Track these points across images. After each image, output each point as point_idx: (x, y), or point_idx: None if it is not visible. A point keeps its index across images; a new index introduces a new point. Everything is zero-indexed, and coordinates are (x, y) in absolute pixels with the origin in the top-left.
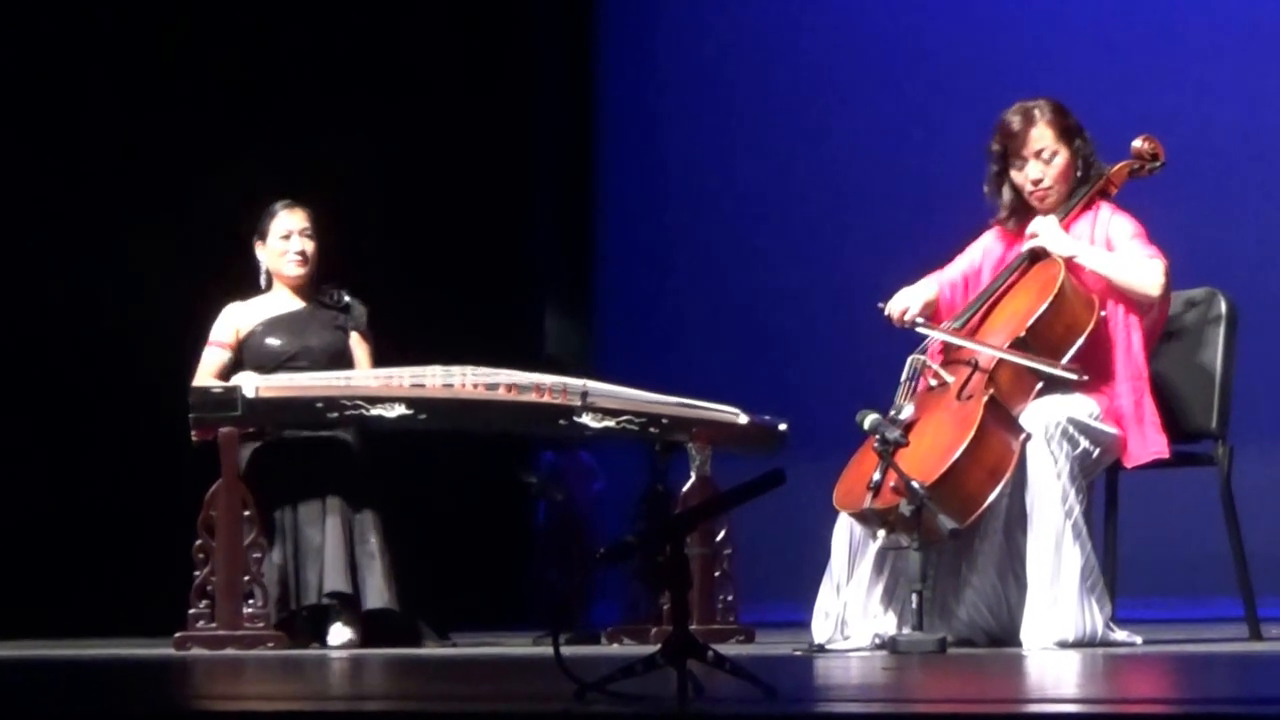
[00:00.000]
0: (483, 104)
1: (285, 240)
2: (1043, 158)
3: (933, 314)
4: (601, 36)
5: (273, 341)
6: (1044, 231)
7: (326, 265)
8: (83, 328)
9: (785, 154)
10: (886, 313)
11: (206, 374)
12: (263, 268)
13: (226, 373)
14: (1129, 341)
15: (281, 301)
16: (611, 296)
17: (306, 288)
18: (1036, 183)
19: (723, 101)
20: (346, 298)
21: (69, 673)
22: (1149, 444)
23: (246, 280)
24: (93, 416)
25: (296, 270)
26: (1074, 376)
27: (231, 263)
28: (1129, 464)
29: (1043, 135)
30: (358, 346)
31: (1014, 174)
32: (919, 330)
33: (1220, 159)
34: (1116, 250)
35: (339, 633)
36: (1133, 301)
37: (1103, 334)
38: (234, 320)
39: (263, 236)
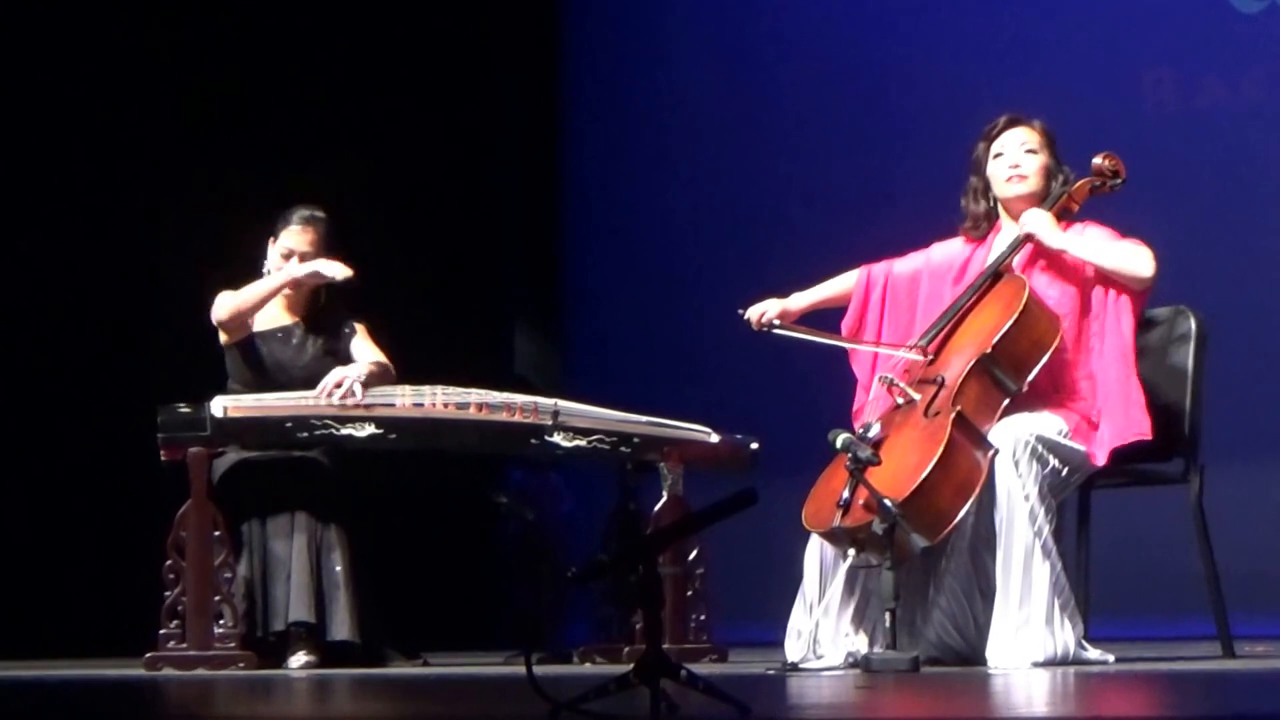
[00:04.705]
0: (452, 127)
1: (284, 259)
2: (1024, 149)
3: (843, 311)
4: (565, 59)
5: (260, 357)
6: (1035, 224)
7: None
8: (51, 347)
9: (753, 174)
10: (745, 317)
11: (232, 294)
12: (267, 266)
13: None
14: (1119, 325)
15: (274, 311)
16: (581, 316)
17: (303, 302)
18: (1014, 166)
19: (689, 121)
20: (346, 321)
21: (39, 693)
22: (1131, 425)
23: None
24: (62, 435)
25: (286, 290)
26: (919, 358)
27: (206, 283)
28: (1113, 443)
29: (1028, 134)
30: (361, 345)
31: (990, 166)
32: (775, 332)
33: (1189, 175)
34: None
35: (299, 660)
36: (1123, 288)
37: (1077, 336)
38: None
39: (274, 237)
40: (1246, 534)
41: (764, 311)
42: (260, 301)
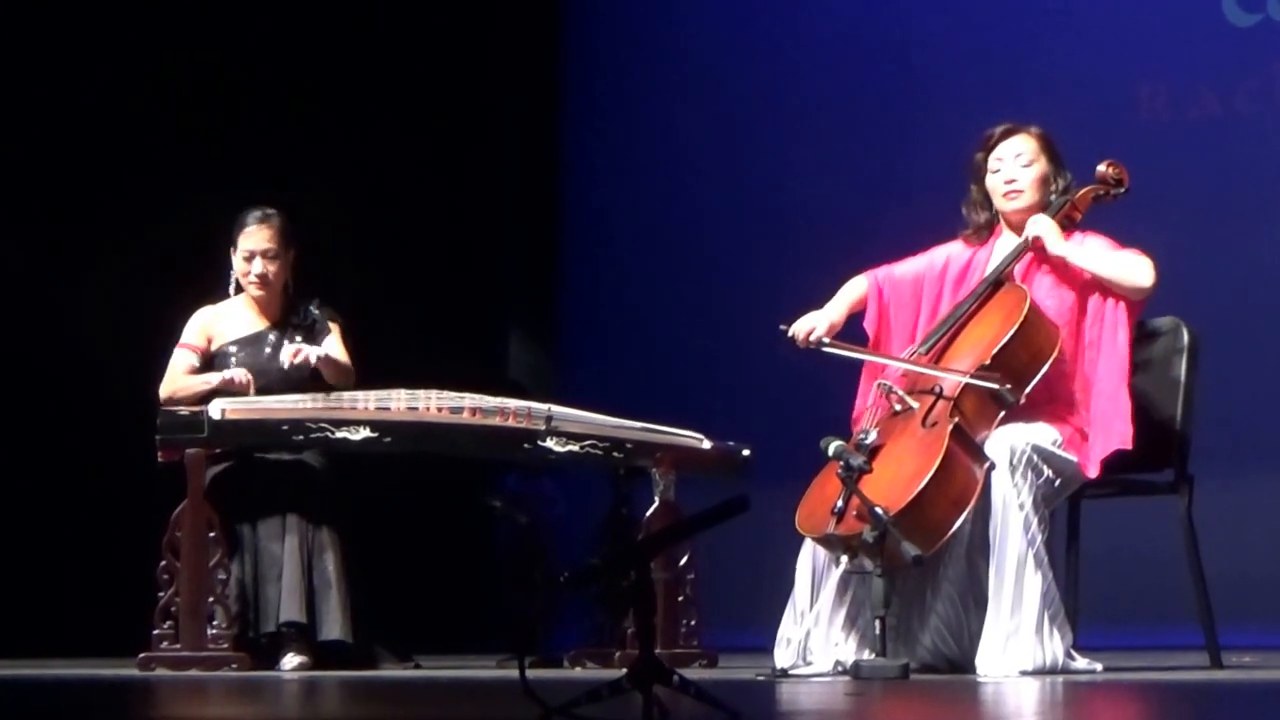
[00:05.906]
0: (452, 134)
1: (247, 262)
2: (1020, 161)
3: (864, 314)
4: (565, 64)
5: (238, 364)
6: (1040, 229)
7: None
8: (46, 347)
9: (746, 183)
10: (790, 334)
11: (177, 374)
12: (232, 276)
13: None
14: (1114, 338)
15: (250, 318)
16: (575, 322)
17: (274, 304)
18: (1009, 182)
19: (686, 128)
20: (315, 313)
21: (32, 693)
22: (1114, 436)
23: (214, 298)
24: (57, 435)
25: (256, 292)
26: (996, 386)
27: (200, 283)
28: (1097, 455)
29: (1025, 143)
30: (333, 345)
31: (988, 179)
32: (825, 350)
33: (1182, 187)
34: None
35: (291, 661)
36: (1122, 297)
37: (1074, 347)
38: (206, 327)
39: (233, 245)
40: (1235, 544)
41: (812, 328)
42: (194, 398)
